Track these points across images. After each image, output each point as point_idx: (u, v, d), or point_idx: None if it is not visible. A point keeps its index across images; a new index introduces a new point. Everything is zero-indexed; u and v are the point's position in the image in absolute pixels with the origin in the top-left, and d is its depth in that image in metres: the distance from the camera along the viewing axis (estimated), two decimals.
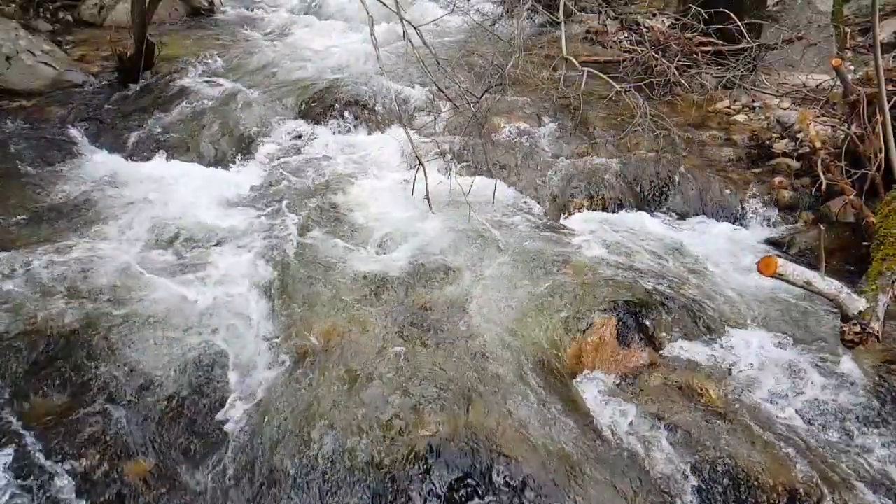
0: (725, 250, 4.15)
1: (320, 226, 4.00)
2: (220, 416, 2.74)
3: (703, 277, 3.80)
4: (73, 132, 5.08)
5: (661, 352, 3.25)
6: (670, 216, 4.59)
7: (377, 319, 3.23)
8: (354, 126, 5.35)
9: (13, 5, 6.72)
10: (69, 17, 7.33)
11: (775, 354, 3.16)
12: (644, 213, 4.60)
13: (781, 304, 3.57)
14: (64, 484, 2.38)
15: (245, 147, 5.04)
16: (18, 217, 3.96)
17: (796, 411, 2.88)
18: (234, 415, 2.74)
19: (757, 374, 3.06)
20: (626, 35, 6.70)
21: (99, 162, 4.65)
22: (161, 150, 4.88)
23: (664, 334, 3.32)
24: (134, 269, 3.39)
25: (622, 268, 3.75)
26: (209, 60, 6.36)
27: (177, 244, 3.75)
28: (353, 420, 2.65)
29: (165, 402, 2.74)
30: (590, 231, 4.25)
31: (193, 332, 3.05)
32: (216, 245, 3.77)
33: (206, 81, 5.72)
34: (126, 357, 2.88)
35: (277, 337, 3.10)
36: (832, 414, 2.87)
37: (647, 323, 3.33)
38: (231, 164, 4.86)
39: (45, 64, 5.72)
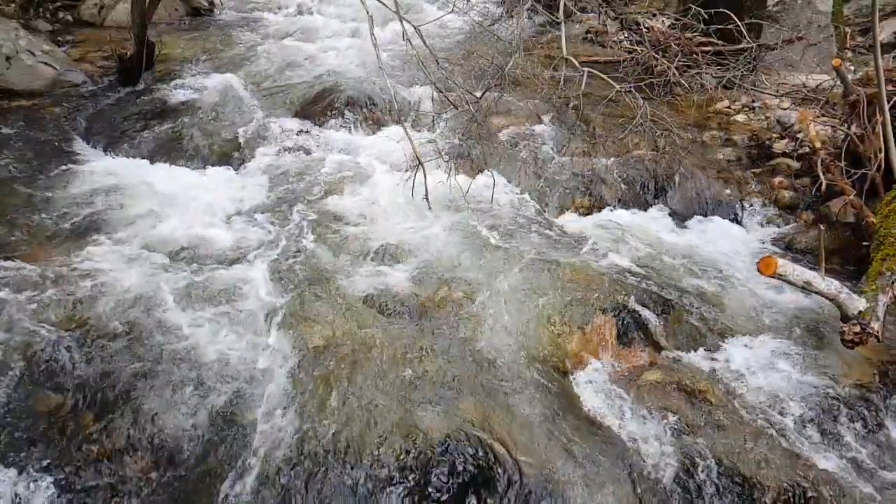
0: (725, 250, 4.14)
1: (323, 233, 3.95)
2: (240, 464, 2.54)
3: (703, 278, 3.80)
4: (73, 133, 5.06)
5: (661, 351, 3.25)
6: (670, 216, 4.59)
7: (383, 328, 3.18)
8: (354, 126, 5.35)
9: (13, 5, 6.73)
10: (69, 17, 7.33)
11: (775, 355, 3.16)
12: (644, 213, 4.60)
13: (781, 305, 3.57)
14: None
15: (246, 148, 5.03)
16: (15, 227, 3.80)
17: (796, 412, 2.88)
18: (254, 466, 2.53)
19: (757, 374, 3.06)
20: (626, 35, 6.69)
21: (98, 165, 4.60)
22: (161, 152, 4.87)
23: (664, 334, 3.32)
24: (141, 296, 3.19)
25: (622, 268, 3.75)
26: (209, 61, 6.36)
27: (183, 263, 3.58)
28: (373, 437, 2.60)
29: (182, 453, 2.57)
30: (590, 231, 4.25)
31: (207, 371, 2.85)
32: (223, 264, 3.60)
33: (206, 82, 5.72)
34: (139, 408, 2.66)
35: (293, 367, 2.91)
36: (832, 415, 2.87)
37: (648, 323, 3.33)
38: (232, 166, 4.84)
39: (45, 64, 5.72)
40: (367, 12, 3.75)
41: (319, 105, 5.49)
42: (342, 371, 2.88)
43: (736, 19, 5.69)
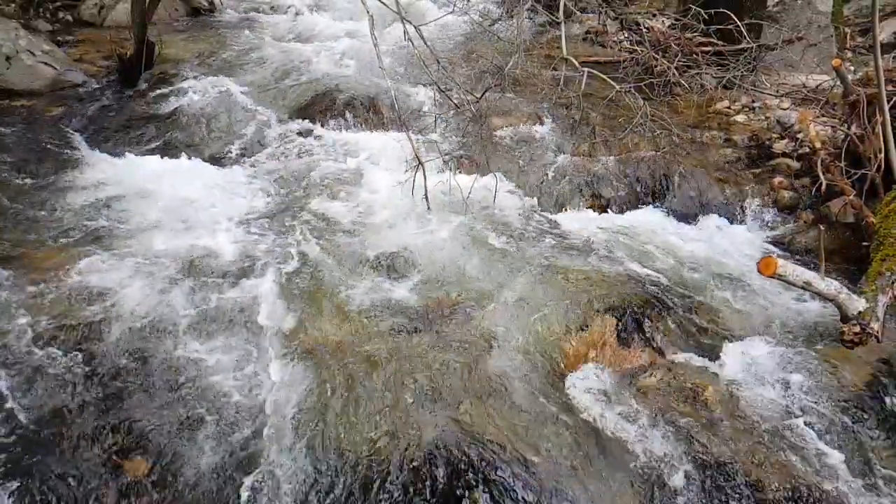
0: (725, 250, 4.14)
1: (326, 240, 3.89)
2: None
3: (703, 278, 3.80)
4: (73, 134, 5.04)
5: (661, 352, 3.25)
6: (670, 216, 4.59)
7: (387, 341, 3.14)
8: (355, 127, 5.34)
9: (13, 5, 6.72)
10: (69, 17, 7.32)
11: (775, 355, 3.16)
12: (644, 214, 4.61)
13: (782, 305, 3.57)
14: None
15: (247, 150, 5.03)
16: (14, 236, 3.67)
17: (796, 413, 2.88)
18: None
19: (757, 375, 3.06)
20: (626, 35, 6.69)
21: (98, 167, 4.54)
22: (161, 153, 4.84)
23: (664, 335, 3.32)
24: (150, 321, 3.08)
25: (622, 268, 3.75)
26: (209, 60, 6.35)
27: (188, 280, 3.39)
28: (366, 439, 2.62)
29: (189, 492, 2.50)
30: (590, 231, 4.25)
31: (218, 406, 2.75)
32: (229, 279, 3.47)
33: (206, 82, 5.70)
34: (149, 446, 2.58)
35: (300, 395, 2.82)
36: (831, 415, 2.87)
37: (647, 323, 3.33)
38: (233, 168, 4.81)
39: (45, 64, 5.72)
40: (368, 12, 3.75)
41: (319, 106, 5.49)
42: (351, 398, 2.80)
43: (736, 19, 5.69)
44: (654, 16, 7.21)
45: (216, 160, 4.91)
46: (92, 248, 3.59)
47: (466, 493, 2.43)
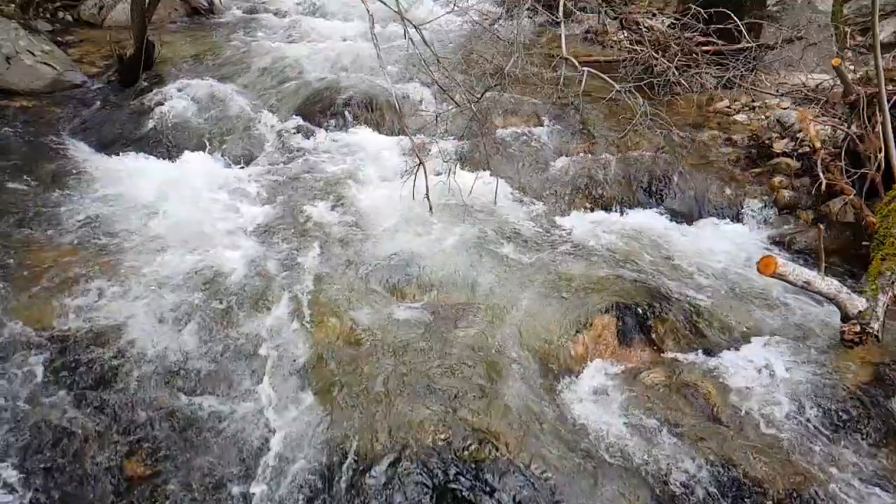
0: (725, 250, 4.15)
1: (329, 250, 3.84)
2: None
3: (704, 277, 3.80)
4: (72, 136, 5.04)
5: (661, 352, 3.25)
6: (670, 216, 4.59)
7: (392, 343, 3.11)
8: (354, 126, 5.35)
9: (13, 5, 6.72)
10: (69, 17, 7.34)
11: (776, 355, 3.16)
12: (644, 213, 4.61)
13: (781, 305, 3.57)
14: None
15: (246, 150, 5.03)
16: (11, 252, 3.50)
17: (797, 413, 2.88)
18: None
19: (758, 374, 3.06)
20: (626, 35, 6.70)
21: (98, 172, 4.48)
22: (162, 156, 4.84)
23: (665, 334, 3.32)
24: (162, 364, 2.93)
25: (623, 268, 3.75)
26: (209, 61, 6.35)
27: (194, 307, 3.24)
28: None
29: None
30: (590, 231, 4.25)
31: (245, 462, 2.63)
32: (238, 309, 3.30)
33: (206, 82, 5.70)
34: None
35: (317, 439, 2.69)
36: (832, 415, 2.86)
37: (648, 323, 3.33)
38: (233, 169, 4.82)
39: (45, 64, 5.72)
40: (368, 11, 3.75)
41: (319, 104, 5.49)
42: (365, 443, 2.65)
43: (736, 19, 5.70)
44: (654, 15, 7.21)
45: (217, 162, 4.91)
46: (95, 271, 3.42)
47: (464, 488, 2.43)
